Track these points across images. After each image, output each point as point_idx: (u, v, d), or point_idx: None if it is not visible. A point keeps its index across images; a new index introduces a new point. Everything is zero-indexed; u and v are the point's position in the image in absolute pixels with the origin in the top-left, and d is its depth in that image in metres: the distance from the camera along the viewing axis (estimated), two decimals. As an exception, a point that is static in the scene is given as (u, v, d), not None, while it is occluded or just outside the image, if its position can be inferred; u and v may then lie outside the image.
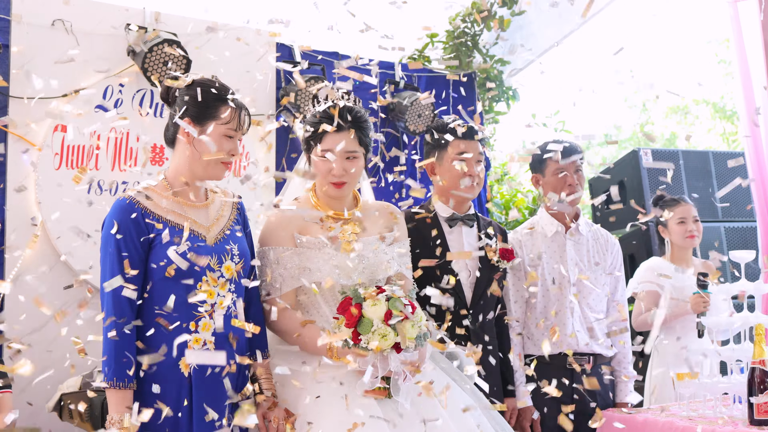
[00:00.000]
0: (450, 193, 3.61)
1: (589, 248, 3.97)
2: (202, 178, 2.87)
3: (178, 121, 2.78)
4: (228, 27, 4.76)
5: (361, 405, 2.74)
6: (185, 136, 2.82)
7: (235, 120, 2.83)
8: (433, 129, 3.65)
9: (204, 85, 2.82)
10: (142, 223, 2.73)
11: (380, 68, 5.37)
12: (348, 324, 2.79)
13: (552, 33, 6.14)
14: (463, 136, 3.56)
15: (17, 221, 4.09)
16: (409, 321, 2.77)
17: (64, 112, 4.12)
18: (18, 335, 4.02)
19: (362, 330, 2.75)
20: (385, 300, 2.79)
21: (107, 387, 2.65)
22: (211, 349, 2.75)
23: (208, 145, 2.76)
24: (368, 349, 2.74)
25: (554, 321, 3.83)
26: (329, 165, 3.04)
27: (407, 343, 2.76)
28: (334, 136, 3.03)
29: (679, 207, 4.69)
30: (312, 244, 3.01)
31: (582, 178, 3.92)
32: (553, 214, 3.97)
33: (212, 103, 2.81)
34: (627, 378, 3.93)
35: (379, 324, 2.75)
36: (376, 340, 2.72)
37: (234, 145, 2.85)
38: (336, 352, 2.82)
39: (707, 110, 17.32)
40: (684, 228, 4.65)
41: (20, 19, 4.14)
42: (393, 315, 2.75)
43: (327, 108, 3.08)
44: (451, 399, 2.89)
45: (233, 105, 2.82)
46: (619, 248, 4.07)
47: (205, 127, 2.80)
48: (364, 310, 2.79)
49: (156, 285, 2.73)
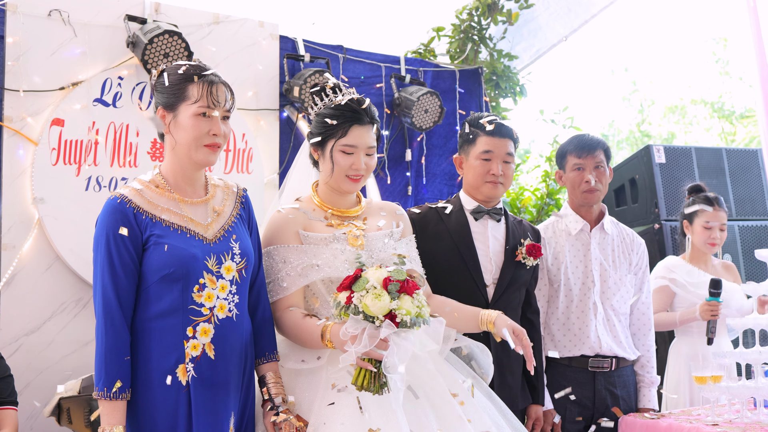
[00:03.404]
0: (473, 190, 3.49)
1: (614, 247, 3.85)
2: (191, 167, 2.71)
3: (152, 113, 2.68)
4: (230, 19, 4.64)
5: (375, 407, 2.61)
6: (165, 127, 2.68)
7: (205, 97, 2.63)
8: (467, 121, 3.54)
9: (172, 69, 2.68)
10: (135, 223, 2.58)
11: (385, 63, 5.26)
12: (343, 286, 2.58)
13: (560, 27, 6.04)
14: (491, 134, 3.43)
15: (13, 218, 3.97)
16: (408, 297, 2.54)
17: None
18: (14, 335, 3.90)
19: (356, 287, 2.53)
20: (387, 271, 2.59)
21: (98, 397, 2.49)
22: (211, 357, 2.59)
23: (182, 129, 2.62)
24: (359, 311, 2.50)
25: (576, 322, 3.71)
26: (351, 159, 2.92)
27: (403, 315, 2.50)
28: (360, 130, 2.92)
29: (710, 212, 4.52)
30: (319, 240, 2.89)
31: (602, 175, 3.79)
32: (578, 210, 3.84)
33: (179, 85, 2.64)
34: (651, 383, 3.82)
35: (375, 284, 2.53)
36: (369, 298, 2.49)
37: (213, 124, 2.65)
38: (329, 335, 2.64)
39: (705, 110, 17.28)
40: (708, 234, 4.51)
41: (16, 9, 4.02)
42: (392, 281, 2.53)
43: (350, 100, 2.95)
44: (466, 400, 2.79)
45: (202, 80, 2.65)
46: (645, 248, 3.95)
47: (176, 112, 2.65)
48: (362, 273, 2.59)
49: (150, 288, 2.58)
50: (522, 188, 6.52)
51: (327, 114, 2.95)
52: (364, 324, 2.52)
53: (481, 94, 5.71)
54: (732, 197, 5.64)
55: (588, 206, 3.83)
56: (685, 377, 4.38)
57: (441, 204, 3.53)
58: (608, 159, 3.83)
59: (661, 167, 5.58)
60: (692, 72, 18.03)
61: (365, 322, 2.52)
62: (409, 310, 2.51)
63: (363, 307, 2.50)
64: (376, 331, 2.50)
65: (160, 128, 2.73)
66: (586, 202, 3.80)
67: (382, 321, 2.50)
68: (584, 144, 3.79)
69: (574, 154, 3.80)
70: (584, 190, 3.78)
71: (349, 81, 5.10)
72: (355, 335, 2.52)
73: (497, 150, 3.42)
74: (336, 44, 5.16)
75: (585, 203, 3.81)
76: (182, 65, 2.69)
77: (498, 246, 3.47)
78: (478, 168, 3.42)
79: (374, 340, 2.50)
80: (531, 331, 3.55)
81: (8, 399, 3.44)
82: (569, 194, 3.89)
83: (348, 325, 2.54)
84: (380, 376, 2.55)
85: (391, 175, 5.29)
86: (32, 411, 3.91)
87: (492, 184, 3.42)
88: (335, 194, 3.01)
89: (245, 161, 4.62)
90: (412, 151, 5.41)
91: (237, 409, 2.69)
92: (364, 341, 2.50)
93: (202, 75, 2.65)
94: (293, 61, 4.89)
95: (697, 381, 3.59)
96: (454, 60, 5.95)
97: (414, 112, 5.15)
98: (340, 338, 2.58)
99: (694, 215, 4.55)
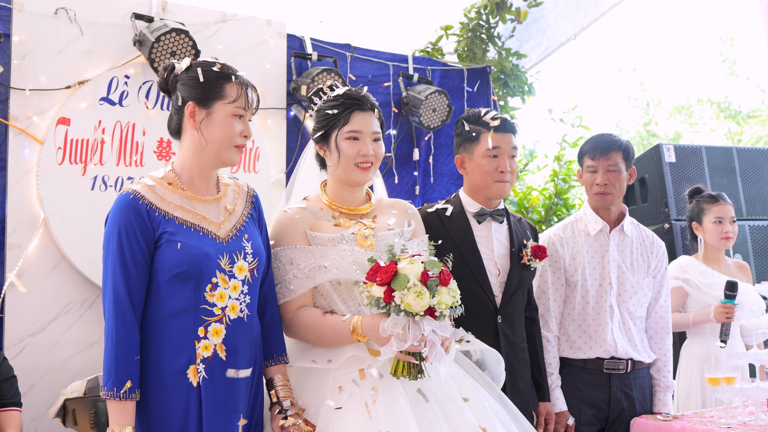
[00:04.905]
0: (479, 190, 3.42)
1: (632, 250, 3.79)
2: (214, 166, 2.68)
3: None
4: (237, 17, 4.61)
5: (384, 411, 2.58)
6: (191, 123, 2.63)
7: (242, 98, 2.63)
8: (464, 120, 3.46)
9: (205, 65, 2.64)
10: (147, 219, 2.52)
11: (393, 61, 5.23)
12: (381, 281, 2.57)
13: (569, 26, 6.00)
14: (497, 129, 3.37)
15: (19, 218, 3.94)
16: (445, 288, 2.57)
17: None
18: (19, 336, 3.87)
19: (397, 285, 2.54)
20: (420, 262, 2.60)
21: (107, 397, 2.44)
22: (222, 357, 2.55)
23: (218, 127, 2.59)
24: (400, 310, 2.53)
25: (592, 324, 3.66)
26: (358, 146, 2.88)
27: (442, 309, 2.55)
28: (362, 116, 2.90)
29: (718, 206, 4.51)
30: (327, 241, 2.84)
31: (617, 178, 3.72)
32: (597, 211, 3.80)
33: (215, 82, 2.61)
34: (666, 387, 3.77)
35: (415, 281, 2.54)
36: (411, 297, 2.51)
37: (245, 125, 2.65)
38: (361, 329, 2.63)
39: (711, 109, 17.23)
40: (720, 228, 4.48)
41: (22, 8, 4.01)
42: (430, 276, 2.56)
43: (347, 90, 2.95)
44: (477, 404, 2.76)
45: (239, 82, 2.63)
46: (665, 251, 3.89)
47: (211, 109, 2.61)
48: (399, 267, 2.59)
49: (161, 286, 2.53)
50: (530, 188, 6.47)
51: (327, 107, 2.94)
52: (404, 320, 2.55)
53: (489, 93, 5.67)
54: (743, 197, 5.59)
55: (603, 208, 3.77)
56: (697, 378, 4.34)
57: (440, 205, 3.45)
58: (628, 160, 3.75)
59: (671, 166, 5.53)
60: (699, 71, 17.99)
61: (405, 318, 2.55)
62: (447, 302, 2.56)
63: (405, 305, 2.53)
64: (417, 326, 2.54)
65: (177, 124, 2.67)
66: (597, 204, 3.75)
67: (423, 316, 2.54)
68: (598, 146, 3.74)
69: (588, 156, 3.76)
70: (595, 192, 3.73)
71: (356, 80, 5.07)
72: (398, 333, 2.55)
73: (504, 145, 3.37)
74: (344, 43, 5.13)
75: (598, 205, 3.76)
76: (215, 62, 2.66)
77: (502, 249, 3.41)
78: (486, 166, 3.36)
79: (417, 337, 2.54)
80: (532, 329, 3.53)
81: (12, 400, 3.42)
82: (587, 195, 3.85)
83: (389, 323, 2.56)
84: (419, 364, 2.61)
85: (398, 175, 5.25)
86: (37, 412, 3.88)
87: (501, 182, 3.36)
88: (345, 190, 2.96)
89: (252, 160, 4.59)
90: (420, 151, 5.37)
91: (246, 411, 2.65)
92: (410, 338, 2.54)
93: (237, 75, 2.65)
94: (300, 60, 4.86)
95: (711, 382, 3.54)
96: (462, 59, 5.91)
97: (422, 111, 5.11)
98: (377, 333, 2.58)
99: (702, 214, 4.52)
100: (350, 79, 5.04)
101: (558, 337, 3.70)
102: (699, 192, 4.67)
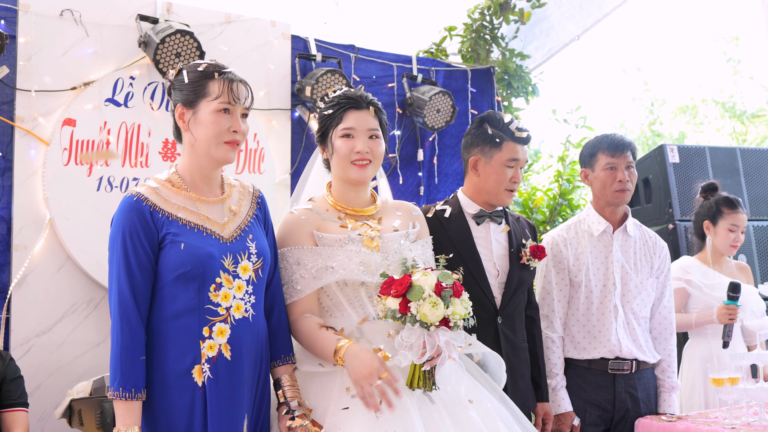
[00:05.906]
0: (487, 195, 3.41)
1: (636, 250, 3.79)
2: (210, 165, 2.69)
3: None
4: (242, 18, 4.62)
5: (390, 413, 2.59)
6: (182, 124, 2.67)
7: (226, 93, 2.63)
8: (486, 122, 3.43)
9: (191, 67, 2.68)
10: (151, 221, 2.55)
11: (397, 62, 5.24)
12: (397, 293, 2.64)
13: (572, 26, 6.00)
14: (520, 141, 3.38)
15: (25, 219, 3.96)
16: (457, 299, 2.65)
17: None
18: (25, 336, 3.89)
19: (412, 296, 2.61)
20: (435, 275, 2.68)
21: (114, 397, 2.47)
22: (227, 357, 2.57)
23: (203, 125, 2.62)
24: (416, 320, 2.60)
25: (596, 324, 3.66)
26: (352, 143, 2.90)
27: (456, 319, 2.63)
28: (357, 114, 2.91)
29: (736, 214, 4.47)
30: (333, 241, 2.85)
31: (633, 176, 3.73)
32: (601, 212, 3.80)
33: (199, 82, 2.64)
34: (671, 388, 3.77)
35: (430, 292, 2.62)
36: (427, 307, 2.59)
37: (233, 121, 2.65)
38: (343, 354, 2.66)
39: (716, 109, 17.21)
40: (733, 237, 4.46)
41: (28, 9, 4.02)
42: (444, 287, 2.63)
43: (345, 91, 2.98)
44: (481, 405, 2.78)
45: (222, 78, 2.65)
46: (667, 252, 3.89)
47: (196, 109, 2.64)
48: (414, 279, 2.66)
49: (166, 287, 2.55)
50: (534, 188, 6.47)
51: (325, 109, 2.97)
52: (420, 331, 2.62)
53: (493, 94, 5.68)
54: (746, 197, 5.58)
55: (615, 206, 3.75)
56: (699, 379, 4.34)
57: (439, 206, 3.44)
58: (635, 160, 3.78)
59: (675, 167, 5.53)
60: (703, 71, 17.96)
61: (421, 330, 2.62)
62: (461, 313, 2.64)
63: (421, 316, 2.60)
64: (432, 337, 2.61)
65: (176, 127, 2.72)
66: (616, 201, 3.72)
67: (438, 327, 2.61)
68: (617, 143, 3.72)
69: (608, 153, 3.72)
70: (617, 189, 3.70)
71: (360, 80, 5.08)
72: (415, 344, 2.62)
73: (522, 157, 3.39)
74: (348, 44, 5.14)
75: (615, 203, 3.73)
76: (201, 63, 2.68)
77: (501, 249, 3.42)
78: (502, 174, 3.35)
79: (434, 348, 2.61)
80: (532, 328, 3.54)
81: (19, 400, 3.44)
82: (596, 194, 3.80)
83: (404, 335, 2.63)
84: (433, 375, 2.67)
85: (403, 175, 5.26)
86: (43, 412, 3.89)
87: (511, 192, 3.38)
88: (348, 190, 2.97)
89: (257, 161, 4.60)
90: (424, 151, 5.38)
91: (251, 411, 2.66)
92: (428, 351, 2.61)
93: (222, 72, 2.66)
94: (305, 61, 4.87)
95: (714, 383, 3.53)
96: (465, 59, 5.92)
97: (426, 112, 5.12)
98: (356, 363, 2.63)
99: (719, 217, 4.48)
100: (354, 80, 5.05)
101: (563, 338, 3.71)
102: (714, 189, 4.62)
